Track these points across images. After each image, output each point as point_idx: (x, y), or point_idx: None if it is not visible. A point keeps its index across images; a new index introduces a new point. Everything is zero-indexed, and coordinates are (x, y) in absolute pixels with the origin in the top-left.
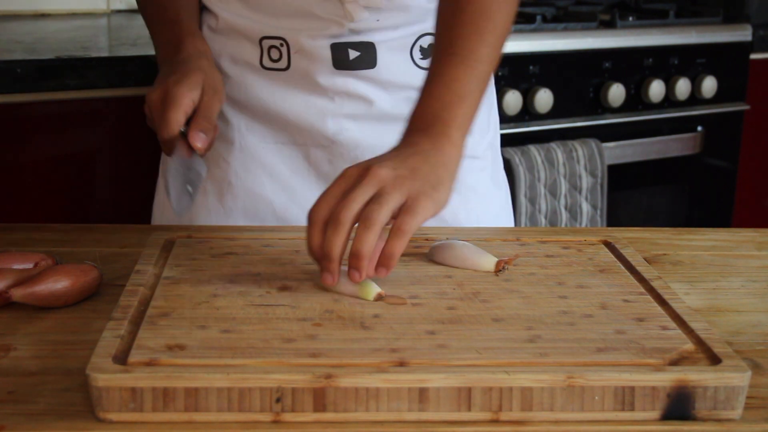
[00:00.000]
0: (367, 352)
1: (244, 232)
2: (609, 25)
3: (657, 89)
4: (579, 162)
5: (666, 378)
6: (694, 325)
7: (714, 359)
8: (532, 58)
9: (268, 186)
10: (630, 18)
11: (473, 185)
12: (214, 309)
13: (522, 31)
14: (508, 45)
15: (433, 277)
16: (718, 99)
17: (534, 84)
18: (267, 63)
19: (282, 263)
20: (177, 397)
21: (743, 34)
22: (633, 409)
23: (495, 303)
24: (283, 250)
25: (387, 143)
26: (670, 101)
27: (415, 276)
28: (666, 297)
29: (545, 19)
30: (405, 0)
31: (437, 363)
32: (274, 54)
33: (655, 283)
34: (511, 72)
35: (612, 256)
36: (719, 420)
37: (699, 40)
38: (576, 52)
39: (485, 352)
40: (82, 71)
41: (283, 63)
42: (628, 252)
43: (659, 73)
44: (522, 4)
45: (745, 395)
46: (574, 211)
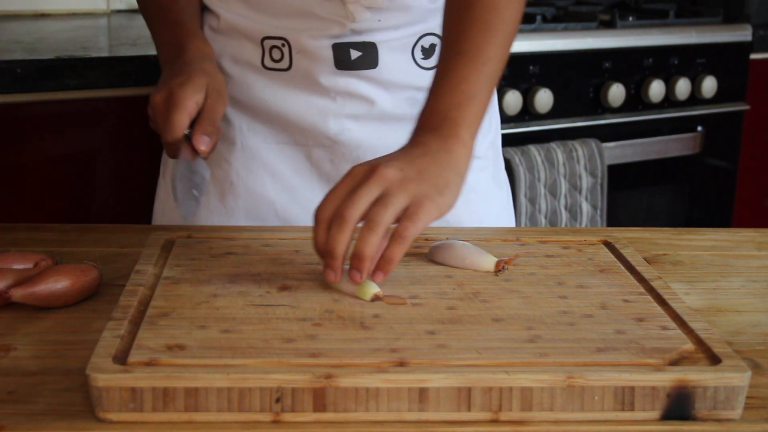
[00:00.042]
0: (367, 352)
1: (244, 232)
2: (609, 25)
3: (657, 89)
4: (579, 162)
5: (666, 378)
6: (694, 325)
7: (714, 359)
8: (532, 58)
9: (269, 186)
10: (630, 18)
11: (474, 185)
12: (214, 309)
13: (522, 31)
14: None
15: (433, 277)
16: (718, 99)
17: (534, 84)
18: (268, 63)
19: (282, 263)
20: (177, 397)
21: (743, 34)
22: (633, 409)
23: (495, 303)
24: (283, 250)
25: (388, 143)
26: (670, 101)
27: (415, 276)
28: (666, 297)
29: (545, 19)
30: (406, 0)
31: (437, 363)
32: (275, 54)
33: (655, 283)
34: (511, 72)
35: (612, 256)
36: (719, 420)
37: (699, 40)
38: (576, 52)
39: (485, 352)
40: (82, 71)
41: (285, 63)
42: (628, 252)
43: (659, 73)
44: None
45: (745, 395)
46: (574, 211)
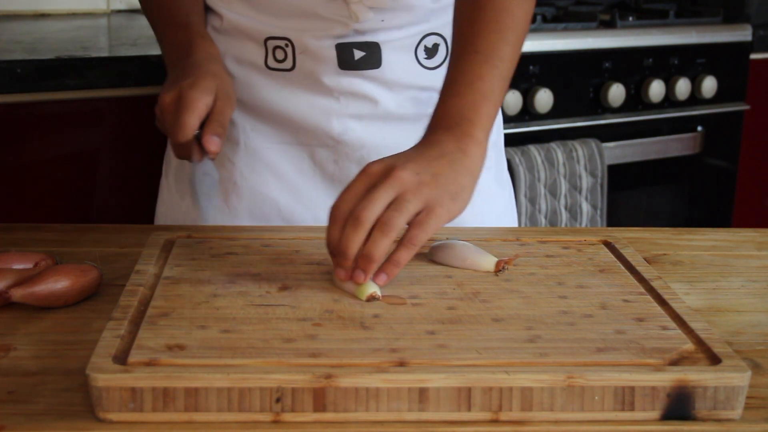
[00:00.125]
0: (367, 352)
1: (244, 232)
2: (609, 25)
3: (657, 89)
4: (579, 162)
5: (666, 378)
6: (694, 325)
7: (714, 359)
8: (532, 58)
9: (273, 186)
10: (630, 18)
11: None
12: (214, 309)
13: None
14: None
15: (433, 277)
16: (718, 99)
17: (534, 84)
18: (272, 63)
19: (282, 263)
20: (177, 397)
21: (743, 34)
22: (633, 409)
23: (495, 303)
24: (283, 250)
25: (392, 143)
26: (670, 101)
27: (415, 276)
28: (666, 297)
29: (545, 19)
30: (409, 0)
31: (437, 363)
32: (279, 54)
33: (655, 283)
34: None
35: (612, 256)
36: (719, 420)
37: (699, 40)
38: (576, 52)
39: (485, 352)
40: (82, 71)
41: (288, 63)
42: (628, 252)
43: (659, 73)
44: None
45: (745, 395)
46: (574, 211)
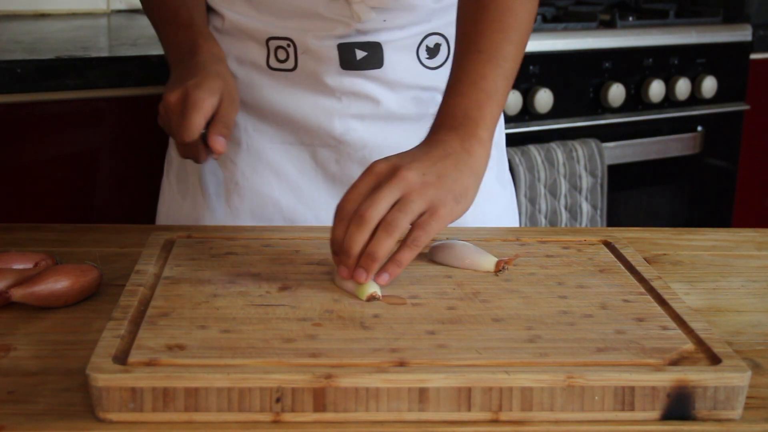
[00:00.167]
0: (367, 352)
1: (244, 232)
2: (609, 25)
3: (657, 89)
4: (579, 162)
5: (666, 378)
6: (694, 325)
7: (714, 359)
8: (532, 58)
9: (275, 186)
10: (630, 18)
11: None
12: (214, 309)
13: None
14: None
15: (433, 277)
16: (718, 99)
17: (534, 84)
18: (274, 63)
19: (282, 263)
20: (177, 397)
21: (743, 34)
22: (633, 409)
23: (495, 303)
24: (283, 250)
25: (394, 143)
26: (670, 101)
27: (415, 276)
28: (666, 297)
29: (545, 19)
30: (411, 0)
31: (437, 363)
32: (280, 54)
33: (655, 283)
34: None
35: (612, 256)
36: (719, 420)
37: (699, 40)
38: (576, 52)
39: (485, 352)
40: (82, 71)
41: (290, 63)
42: (628, 252)
43: (659, 73)
44: None
45: (745, 395)
46: (574, 211)
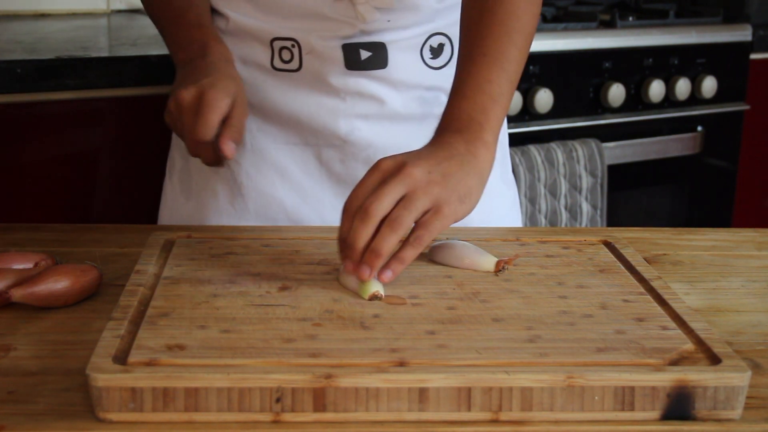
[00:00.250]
0: (367, 352)
1: (244, 232)
2: (609, 25)
3: (657, 89)
4: (579, 162)
5: (666, 378)
6: (694, 325)
7: (714, 359)
8: (532, 58)
9: (279, 187)
10: (630, 18)
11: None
12: (214, 309)
13: None
14: None
15: (433, 277)
16: (718, 99)
17: (534, 84)
18: (278, 64)
19: (282, 263)
20: (177, 397)
21: (743, 34)
22: (633, 409)
23: (495, 303)
24: (283, 250)
25: (399, 142)
26: (670, 101)
27: (415, 276)
28: (666, 297)
29: (545, 19)
30: (415, 0)
31: (437, 363)
32: (285, 55)
33: (655, 283)
34: None
35: (612, 256)
36: (719, 420)
37: (699, 40)
38: (576, 52)
39: (485, 352)
40: (82, 71)
41: (295, 64)
42: (628, 252)
43: (659, 73)
44: None
45: (745, 395)
46: (574, 211)
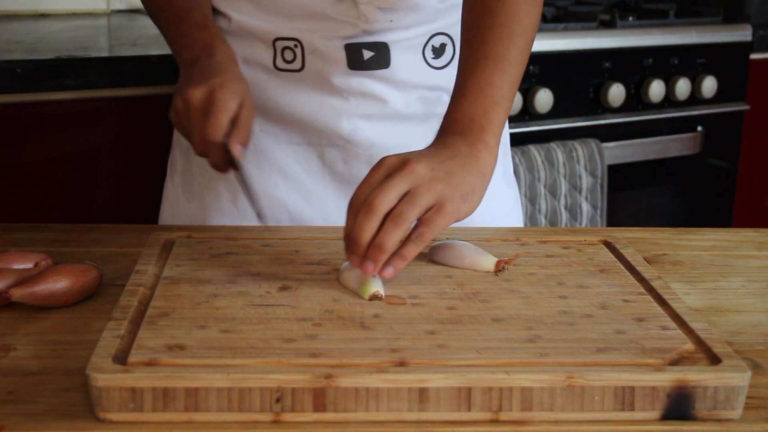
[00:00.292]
0: (367, 352)
1: (244, 232)
2: (609, 25)
3: (657, 89)
4: (579, 162)
5: (666, 378)
6: (694, 325)
7: (714, 359)
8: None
9: (282, 187)
10: (630, 18)
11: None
12: (214, 309)
13: None
14: None
15: (433, 277)
16: (718, 99)
17: (534, 84)
18: (280, 64)
19: (282, 263)
20: (177, 397)
21: (743, 34)
22: (633, 409)
23: (495, 303)
24: (283, 250)
25: (401, 142)
26: (670, 101)
27: (415, 276)
28: (666, 297)
29: (545, 19)
30: (417, 0)
31: (437, 363)
32: (287, 55)
33: (655, 283)
34: None
35: (612, 256)
36: (719, 420)
37: (699, 40)
38: (576, 52)
39: (485, 352)
40: (82, 71)
41: (297, 64)
42: (628, 252)
43: (659, 73)
44: None
45: (745, 395)
46: (574, 211)
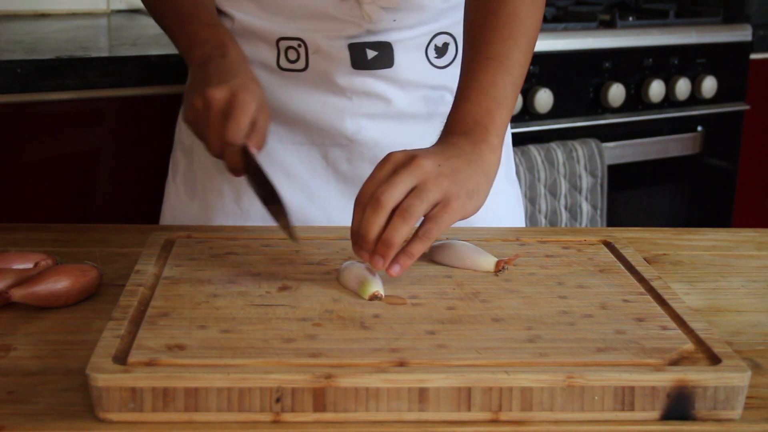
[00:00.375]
0: (367, 352)
1: (244, 232)
2: (609, 25)
3: (657, 89)
4: (579, 162)
5: (666, 378)
6: (694, 325)
7: (714, 359)
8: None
9: (286, 187)
10: (630, 18)
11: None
12: (214, 309)
13: None
14: None
15: (433, 277)
16: (718, 99)
17: (534, 84)
18: (284, 64)
19: (282, 263)
20: (177, 397)
21: (743, 34)
22: (633, 409)
23: (495, 303)
24: (283, 250)
25: (405, 141)
26: (670, 101)
27: (415, 276)
28: (666, 297)
29: (545, 19)
30: (421, 0)
31: (437, 363)
32: (291, 55)
33: (655, 283)
34: None
35: (612, 256)
36: (719, 420)
37: (699, 40)
38: (576, 52)
39: (485, 352)
40: (82, 71)
41: (301, 64)
42: (628, 252)
43: (659, 73)
44: None
45: (745, 395)
46: (574, 211)
